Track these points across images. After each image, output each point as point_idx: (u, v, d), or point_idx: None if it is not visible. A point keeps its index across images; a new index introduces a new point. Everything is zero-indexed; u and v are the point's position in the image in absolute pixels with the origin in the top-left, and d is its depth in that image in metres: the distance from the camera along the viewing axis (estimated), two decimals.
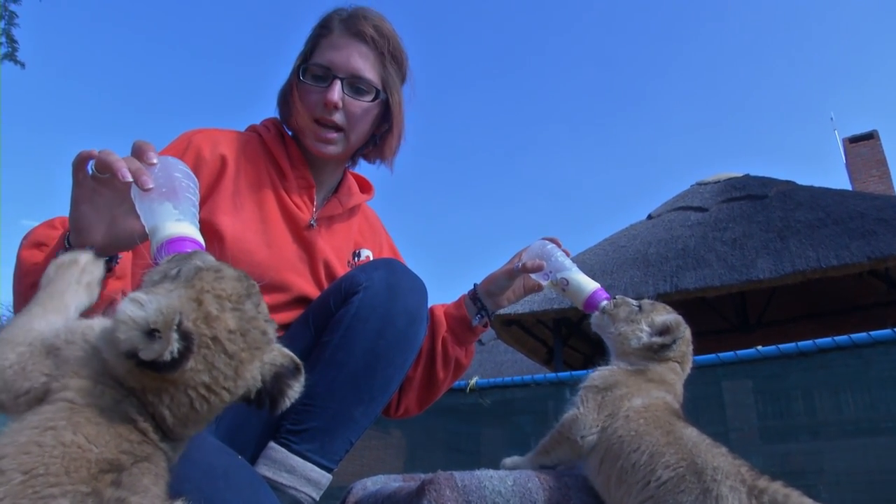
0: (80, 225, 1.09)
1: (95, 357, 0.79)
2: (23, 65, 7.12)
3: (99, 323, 0.85)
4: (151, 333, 0.72)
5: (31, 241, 1.25)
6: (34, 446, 0.68)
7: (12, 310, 1.30)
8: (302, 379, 0.92)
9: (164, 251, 0.94)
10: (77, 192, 1.07)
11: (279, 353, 0.89)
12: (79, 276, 0.96)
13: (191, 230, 1.00)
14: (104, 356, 0.78)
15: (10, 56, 7.01)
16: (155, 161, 1.05)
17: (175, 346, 0.72)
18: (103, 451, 0.71)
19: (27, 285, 1.20)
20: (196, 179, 1.11)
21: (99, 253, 1.12)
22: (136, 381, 0.76)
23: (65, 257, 0.98)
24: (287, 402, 0.90)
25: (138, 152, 1.05)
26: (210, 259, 0.88)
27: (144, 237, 1.04)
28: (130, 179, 1.00)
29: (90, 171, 1.05)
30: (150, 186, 1.01)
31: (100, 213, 1.08)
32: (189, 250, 0.93)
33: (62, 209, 1.12)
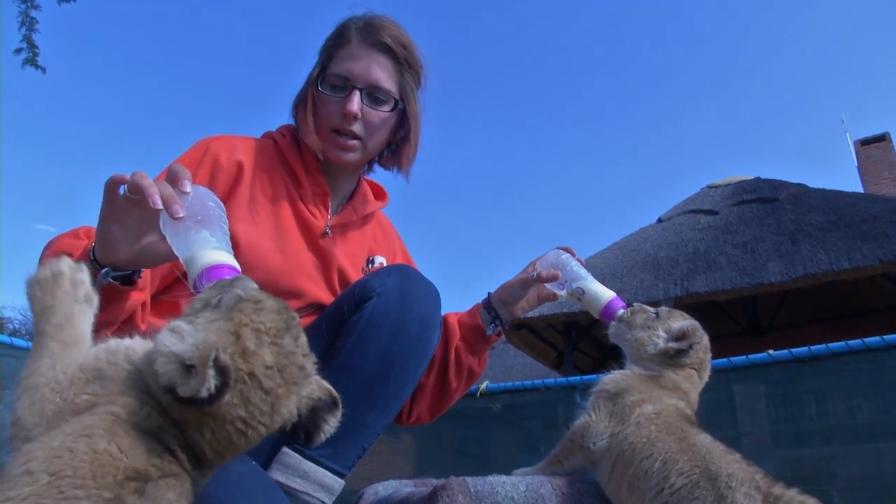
0: (106, 241, 1.10)
1: (140, 379, 0.79)
2: (44, 69, 7.22)
3: (140, 344, 0.85)
4: (189, 368, 0.72)
5: (55, 252, 1.25)
6: (66, 451, 0.68)
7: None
8: (339, 413, 0.91)
9: (206, 278, 0.94)
10: (107, 210, 1.08)
11: (318, 387, 0.89)
12: (75, 293, 0.90)
13: (230, 259, 1.00)
14: (148, 382, 0.78)
15: (32, 61, 7.11)
16: (188, 190, 1.06)
17: (212, 382, 0.72)
18: (132, 462, 0.71)
19: None
20: (225, 209, 1.11)
21: (123, 267, 1.14)
22: (178, 413, 0.77)
23: (46, 271, 0.91)
24: (322, 437, 0.90)
25: (173, 178, 1.06)
26: (252, 288, 0.87)
27: (168, 258, 1.05)
28: (160, 207, 1.00)
29: (122, 192, 1.06)
30: (181, 215, 1.01)
31: (127, 232, 1.09)
32: (230, 277, 0.93)
33: (78, 214, 1.13)
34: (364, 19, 1.67)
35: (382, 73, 1.63)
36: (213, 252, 0.99)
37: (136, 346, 0.85)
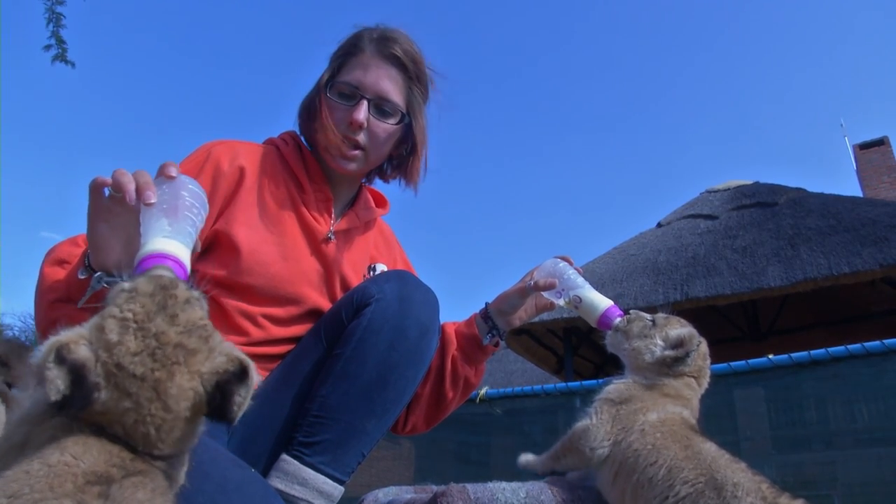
0: (97, 244, 1.09)
1: None
2: (73, 64, 7.19)
3: None
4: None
5: (54, 259, 1.26)
6: (21, 474, 0.67)
7: (35, 323, 1.30)
8: (249, 381, 0.83)
9: (138, 269, 0.92)
10: (93, 211, 1.07)
11: (226, 359, 0.82)
12: None
13: (176, 248, 0.97)
14: None
15: (61, 57, 7.09)
16: (174, 174, 1.04)
17: (58, 383, 0.70)
18: (91, 465, 0.70)
19: (49, 302, 1.21)
20: (206, 203, 1.09)
21: (117, 271, 1.11)
22: (89, 416, 0.75)
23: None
24: (235, 409, 0.82)
25: (160, 169, 1.05)
26: (146, 277, 0.84)
27: None
28: (134, 201, 0.99)
29: (107, 193, 1.05)
30: (152, 201, 1.00)
31: (116, 231, 1.08)
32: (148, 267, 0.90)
33: (83, 222, 1.11)
34: (378, 31, 1.67)
35: (391, 86, 1.63)
36: (160, 240, 0.96)
37: None
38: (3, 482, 0.67)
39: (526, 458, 1.44)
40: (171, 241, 0.97)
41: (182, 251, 0.97)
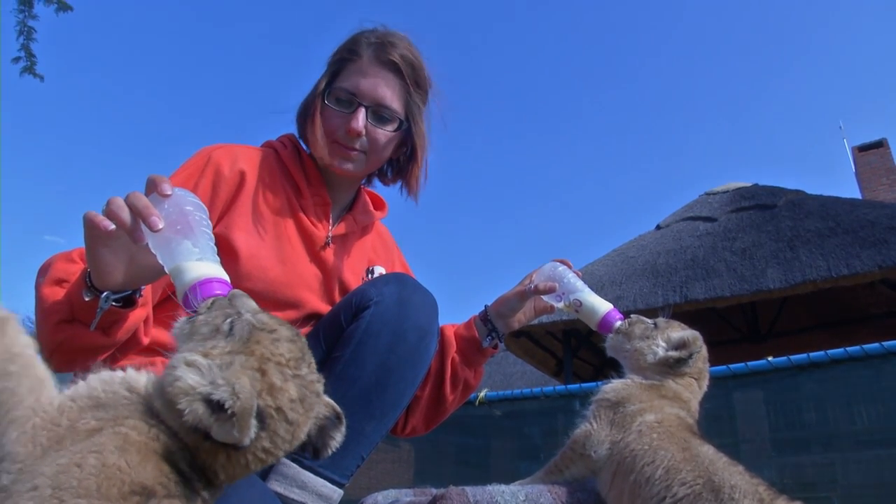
0: (100, 268, 1.07)
1: (146, 405, 0.79)
2: (42, 77, 7.26)
3: (142, 377, 0.84)
4: (218, 408, 0.72)
5: (52, 278, 1.22)
6: (73, 466, 0.69)
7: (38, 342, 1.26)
8: (343, 428, 0.93)
9: (198, 295, 0.92)
10: (91, 239, 1.05)
11: (323, 405, 0.90)
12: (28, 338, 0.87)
13: (215, 269, 0.98)
14: (158, 409, 0.77)
15: (30, 69, 7.17)
16: (169, 192, 1.02)
17: (252, 433, 0.74)
18: (140, 477, 0.71)
19: (53, 324, 1.18)
20: (206, 209, 1.08)
21: (123, 288, 1.12)
22: (193, 440, 0.77)
23: None
24: (329, 452, 0.92)
25: (151, 185, 1.03)
26: (258, 311, 0.87)
27: (164, 271, 1.02)
28: (145, 242, 0.99)
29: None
30: (160, 227, 0.98)
31: (117, 253, 1.07)
32: (226, 293, 0.92)
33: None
34: (376, 35, 1.66)
35: (389, 92, 1.62)
36: (198, 264, 0.97)
37: (132, 376, 0.85)
38: (55, 470, 0.68)
39: (522, 483, 1.42)
40: (206, 263, 0.98)
41: (221, 271, 0.99)
